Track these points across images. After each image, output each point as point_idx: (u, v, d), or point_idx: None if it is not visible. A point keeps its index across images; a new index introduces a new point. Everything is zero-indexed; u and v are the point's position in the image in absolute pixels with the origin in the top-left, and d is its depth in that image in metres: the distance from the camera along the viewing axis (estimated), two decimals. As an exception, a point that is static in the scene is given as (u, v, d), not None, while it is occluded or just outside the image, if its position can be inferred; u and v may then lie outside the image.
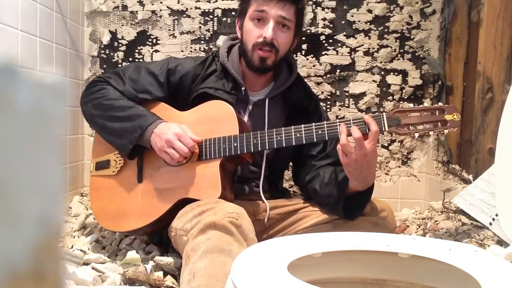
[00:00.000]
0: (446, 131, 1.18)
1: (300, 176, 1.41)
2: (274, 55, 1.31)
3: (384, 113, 1.18)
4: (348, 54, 1.88)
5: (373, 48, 1.87)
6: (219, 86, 1.34)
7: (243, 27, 1.34)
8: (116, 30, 1.92)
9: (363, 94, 1.89)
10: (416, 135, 1.18)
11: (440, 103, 1.25)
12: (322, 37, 1.87)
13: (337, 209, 1.27)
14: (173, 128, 1.24)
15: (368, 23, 1.86)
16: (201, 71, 1.38)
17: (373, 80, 1.88)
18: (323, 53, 1.88)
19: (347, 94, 1.90)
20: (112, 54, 1.93)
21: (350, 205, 1.25)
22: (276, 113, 1.39)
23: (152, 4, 1.91)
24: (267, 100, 1.37)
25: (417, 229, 1.52)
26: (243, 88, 1.36)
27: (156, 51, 1.92)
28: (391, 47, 1.87)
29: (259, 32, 1.29)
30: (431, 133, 1.18)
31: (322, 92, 1.89)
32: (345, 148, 1.14)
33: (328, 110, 1.90)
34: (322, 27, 1.87)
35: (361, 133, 1.14)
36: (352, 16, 1.87)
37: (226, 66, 1.36)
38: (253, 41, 1.30)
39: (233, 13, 1.89)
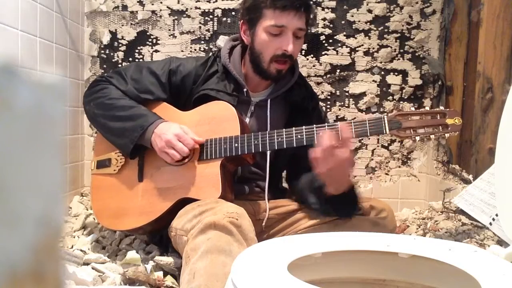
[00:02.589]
0: (447, 135, 1.18)
1: (290, 178, 1.42)
2: (288, 65, 1.32)
3: (385, 116, 1.18)
4: (348, 54, 1.88)
5: (373, 48, 1.87)
6: (220, 87, 1.34)
7: (254, 36, 1.31)
8: (116, 30, 1.92)
9: (363, 94, 1.89)
10: (417, 138, 1.18)
11: (441, 107, 1.25)
12: (322, 37, 1.87)
13: (325, 212, 1.29)
14: (174, 129, 1.24)
15: (368, 23, 1.86)
16: (203, 72, 1.37)
17: (373, 80, 1.88)
18: (323, 53, 1.88)
19: (347, 94, 1.90)
20: (112, 54, 1.93)
21: (337, 206, 1.25)
22: (278, 114, 1.39)
23: (152, 4, 1.91)
24: (269, 100, 1.37)
25: (417, 229, 1.52)
26: (245, 90, 1.36)
27: (156, 51, 1.92)
28: (391, 47, 1.87)
29: (277, 45, 1.28)
30: (432, 136, 1.18)
31: (322, 92, 1.89)
32: (324, 154, 1.13)
33: (328, 110, 1.90)
34: (322, 27, 1.87)
35: (334, 140, 1.12)
36: (352, 16, 1.87)
37: (227, 68, 1.36)
38: (272, 54, 1.29)
39: (233, 13, 1.89)
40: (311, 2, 1.38)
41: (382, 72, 1.88)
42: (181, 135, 1.23)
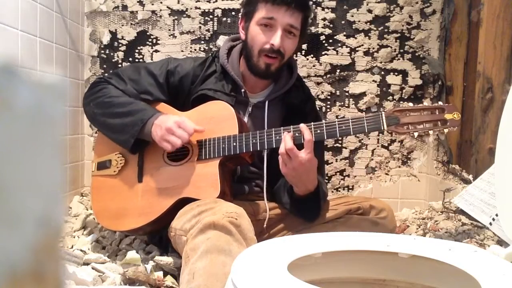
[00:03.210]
0: (446, 130, 1.18)
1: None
2: (278, 62, 1.31)
3: (383, 112, 1.18)
4: (348, 54, 1.88)
5: (373, 48, 1.87)
6: (218, 87, 1.34)
7: (248, 30, 1.33)
8: (116, 30, 1.92)
9: (363, 94, 1.89)
10: (416, 134, 1.17)
11: (440, 102, 1.24)
12: (322, 37, 1.87)
13: (293, 213, 1.33)
14: (174, 117, 1.26)
15: (368, 23, 1.86)
16: (201, 72, 1.38)
17: (373, 80, 1.88)
18: (323, 53, 1.88)
19: (347, 94, 1.90)
20: (112, 54, 1.93)
21: (301, 208, 1.30)
22: (275, 115, 1.39)
23: (152, 4, 1.91)
24: (266, 102, 1.37)
25: (417, 229, 1.52)
26: (242, 90, 1.36)
27: (156, 51, 1.92)
28: (391, 47, 1.87)
29: (266, 39, 1.28)
30: (430, 132, 1.18)
31: (322, 92, 1.89)
32: (283, 158, 1.17)
33: (328, 110, 1.90)
34: (322, 27, 1.87)
35: (292, 143, 1.16)
36: (352, 16, 1.87)
37: (226, 68, 1.36)
38: (260, 47, 1.29)
39: (233, 13, 1.89)
40: (310, 2, 1.37)
41: (382, 72, 1.88)
42: (181, 122, 1.24)
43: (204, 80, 1.37)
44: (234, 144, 1.24)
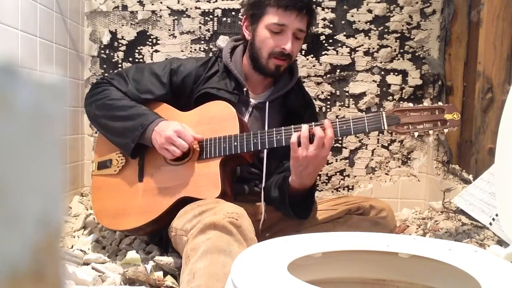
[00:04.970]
0: (446, 131, 1.18)
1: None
2: (287, 63, 1.34)
3: (383, 112, 1.18)
4: (348, 54, 1.88)
5: (373, 48, 1.87)
6: (221, 86, 1.35)
7: (256, 32, 1.33)
8: (116, 30, 1.92)
9: (363, 94, 1.89)
10: (416, 134, 1.18)
11: (440, 103, 1.25)
12: (322, 37, 1.87)
13: (283, 209, 1.31)
14: (173, 126, 1.25)
15: (368, 23, 1.86)
16: (203, 72, 1.38)
17: (373, 80, 1.88)
18: (323, 53, 1.88)
19: (347, 94, 1.90)
20: (112, 54, 1.93)
21: (295, 205, 1.28)
22: (275, 116, 1.40)
23: (152, 4, 1.91)
24: (267, 103, 1.38)
25: (417, 229, 1.52)
26: (245, 89, 1.36)
27: (156, 51, 1.92)
28: (391, 47, 1.87)
29: (275, 42, 1.30)
30: (430, 132, 1.18)
31: (322, 92, 1.89)
32: (304, 140, 1.15)
33: (328, 110, 1.90)
34: (322, 27, 1.87)
35: (326, 134, 1.15)
36: (352, 16, 1.87)
37: (229, 67, 1.37)
38: (270, 50, 1.31)
39: (233, 13, 1.89)
40: (313, 5, 1.39)
41: (382, 72, 1.88)
42: (181, 131, 1.24)
43: (207, 80, 1.37)
44: (235, 143, 1.25)
